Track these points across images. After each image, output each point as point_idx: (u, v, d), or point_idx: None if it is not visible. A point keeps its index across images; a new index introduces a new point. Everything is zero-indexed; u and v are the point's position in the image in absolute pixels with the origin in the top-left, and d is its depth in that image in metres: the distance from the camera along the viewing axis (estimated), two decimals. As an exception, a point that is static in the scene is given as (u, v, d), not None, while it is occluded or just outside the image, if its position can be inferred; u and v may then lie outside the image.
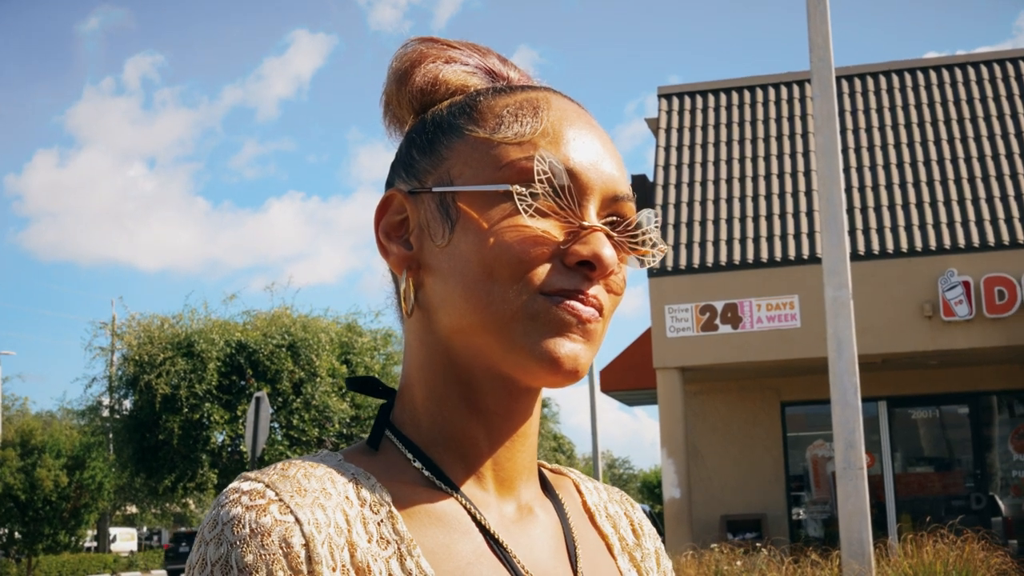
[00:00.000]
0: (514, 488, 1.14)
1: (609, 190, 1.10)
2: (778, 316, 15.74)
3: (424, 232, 1.11)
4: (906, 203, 16.67)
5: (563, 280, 1.05)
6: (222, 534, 0.97)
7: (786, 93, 19.04)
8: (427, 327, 1.12)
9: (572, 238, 1.06)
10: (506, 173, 1.06)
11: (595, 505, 1.26)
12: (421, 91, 1.17)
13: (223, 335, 24.66)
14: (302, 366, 24.56)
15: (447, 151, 1.11)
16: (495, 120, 1.10)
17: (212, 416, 23.94)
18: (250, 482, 1.01)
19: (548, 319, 1.04)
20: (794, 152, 18.02)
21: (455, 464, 1.11)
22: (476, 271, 1.05)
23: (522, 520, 1.13)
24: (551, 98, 1.13)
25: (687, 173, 17.97)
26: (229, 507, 0.98)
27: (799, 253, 16.25)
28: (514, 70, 1.21)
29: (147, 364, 24.06)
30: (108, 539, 50.60)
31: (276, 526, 0.97)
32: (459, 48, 1.20)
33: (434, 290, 1.09)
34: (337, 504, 1.01)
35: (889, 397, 17.51)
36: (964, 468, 17.62)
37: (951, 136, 17.58)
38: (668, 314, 15.98)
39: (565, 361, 1.04)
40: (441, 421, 1.11)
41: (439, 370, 1.11)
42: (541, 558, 1.11)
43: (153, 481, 25.35)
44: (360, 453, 1.11)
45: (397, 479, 1.08)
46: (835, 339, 10.54)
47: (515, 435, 1.13)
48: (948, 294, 15.26)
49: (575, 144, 1.09)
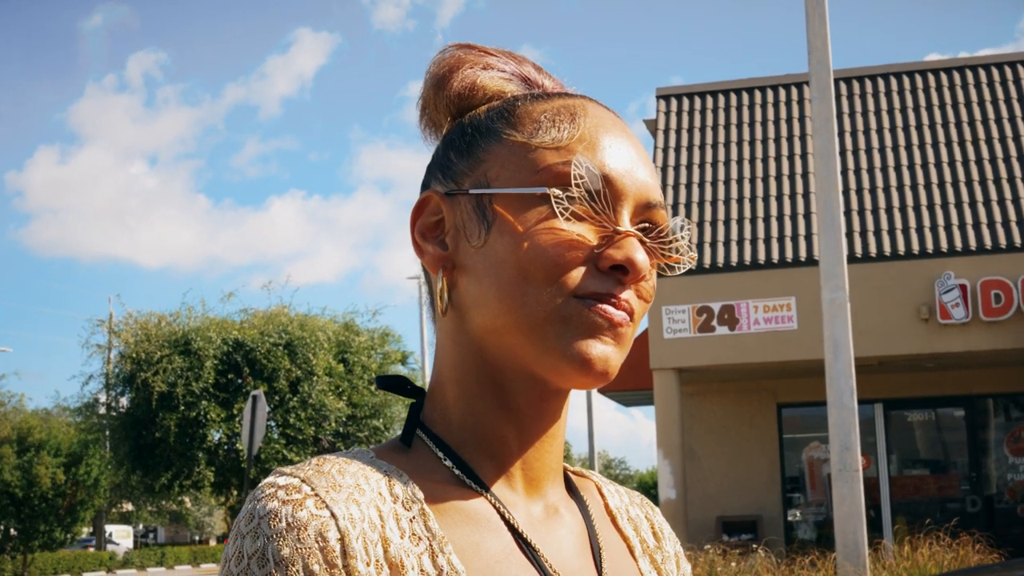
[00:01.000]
0: (542, 488, 1.16)
1: (643, 197, 1.11)
2: (775, 318, 15.75)
3: (460, 233, 1.12)
4: (903, 206, 16.67)
5: (596, 284, 1.06)
6: (259, 527, 0.98)
7: (784, 95, 19.05)
8: (460, 327, 1.13)
9: (606, 242, 1.07)
10: (543, 177, 1.08)
11: (617, 508, 1.28)
12: (459, 96, 1.19)
13: (220, 333, 24.67)
14: (299, 365, 24.57)
15: (485, 154, 1.13)
16: (533, 125, 1.11)
17: (209, 414, 23.94)
18: (286, 477, 1.02)
19: (581, 322, 1.05)
20: (792, 154, 18.02)
21: (485, 463, 1.12)
22: (511, 272, 1.06)
23: (549, 520, 1.15)
24: (588, 105, 1.14)
25: (685, 174, 17.98)
26: (266, 501, 0.99)
27: (796, 255, 16.25)
28: (548, 78, 1.23)
29: (144, 362, 24.07)
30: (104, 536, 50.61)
31: (312, 520, 0.98)
32: (496, 55, 1.21)
33: (468, 290, 1.11)
34: (371, 500, 1.03)
35: (885, 399, 17.51)
36: (959, 471, 17.63)
37: (949, 139, 17.59)
38: (665, 315, 15.98)
39: (597, 363, 1.06)
40: (472, 420, 1.13)
41: (471, 369, 1.12)
42: (567, 558, 1.12)
43: (149, 479, 25.36)
44: (392, 451, 1.13)
45: (428, 477, 1.09)
46: (832, 341, 10.55)
47: (544, 436, 1.14)
48: (945, 297, 15.27)
49: (611, 151, 1.10)
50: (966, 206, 16.39)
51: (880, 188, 17.08)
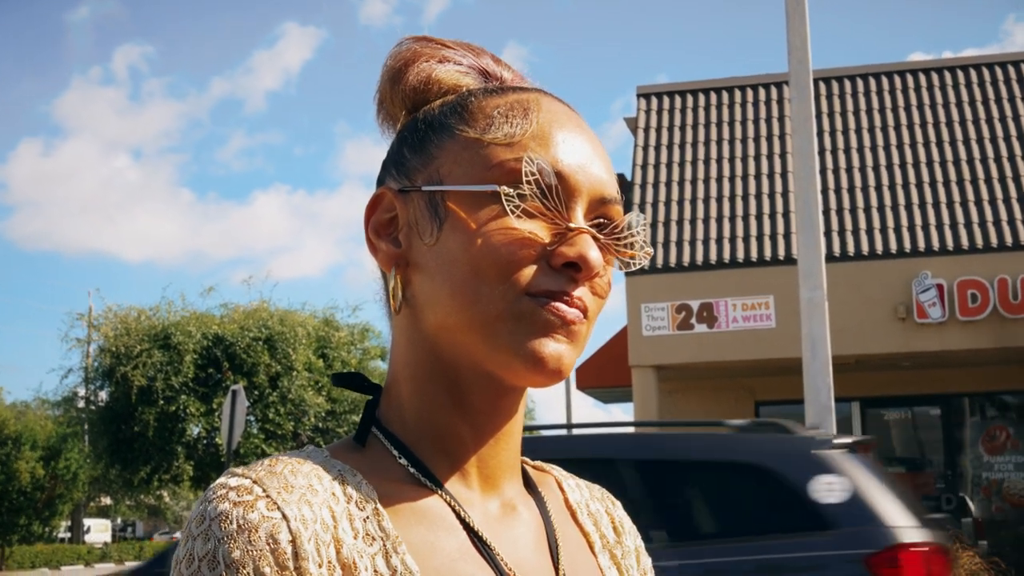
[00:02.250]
0: (498, 485, 1.15)
1: (596, 192, 1.10)
2: (753, 316, 15.77)
3: (413, 230, 1.11)
4: (882, 206, 16.72)
5: (549, 281, 1.05)
6: (209, 529, 0.97)
7: (764, 95, 19.08)
8: (414, 324, 1.12)
9: (559, 239, 1.06)
10: (495, 174, 1.07)
11: (577, 503, 1.26)
12: (414, 90, 1.17)
13: (200, 327, 24.63)
14: (279, 360, 24.56)
15: (437, 150, 1.11)
16: (485, 120, 1.10)
17: (188, 408, 23.90)
18: (237, 478, 1.01)
19: (533, 320, 1.04)
20: (771, 153, 18.05)
21: (440, 461, 1.11)
22: (463, 270, 1.05)
23: (505, 517, 1.14)
24: (542, 100, 1.13)
25: (665, 172, 17.99)
26: (217, 503, 0.98)
27: (775, 254, 16.28)
28: (508, 70, 1.21)
29: (123, 355, 24.01)
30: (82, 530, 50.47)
31: (263, 522, 0.97)
32: (453, 48, 1.20)
33: (422, 288, 1.10)
34: (324, 501, 1.02)
35: (862, 398, 17.56)
36: (935, 469, 17.69)
37: (927, 140, 17.64)
38: (644, 312, 15.99)
39: (549, 361, 1.05)
40: (427, 418, 1.12)
41: (425, 367, 1.12)
42: (524, 555, 1.12)
43: (128, 473, 25.29)
44: (346, 450, 1.11)
45: (383, 476, 1.09)
46: (809, 340, 10.57)
47: (500, 433, 1.13)
48: (922, 296, 15.31)
49: (564, 146, 1.09)
50: (943, 206, 16.44)
51: (859, 188, 17.12)
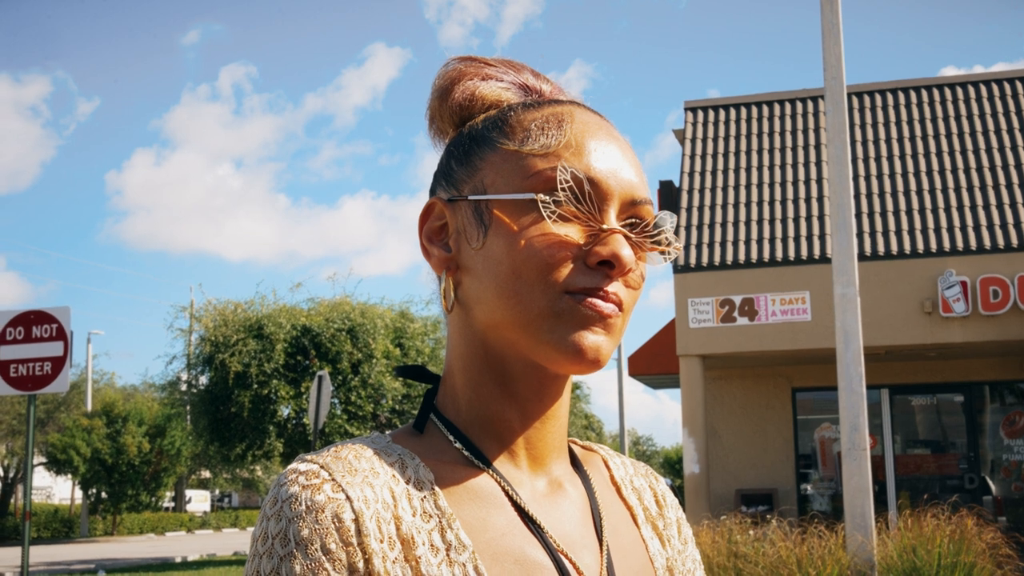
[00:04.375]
0: (545, 465, 1.15)
1: (627, 195, 1.09)
2: (791, 310, 15.67)
3: (461, 236, 1.11)
4: (910, 209, 16.54)
5: (585, 279, 1.05)
6: (281, 511, 0.99)
7: (801, 108, 18.93)
8: (465, 321, 1.12)
9: (593, 240, 1.06)
10: (533, 182, 1.07)
11: (621, 479, 1.26)
12: (460, 106, 1.17)
13: (290, 319, 24.76)
14: (360, 348, 24.64)
15: (481, 162, 1.12)
16: (523, 133, 1.10)
17: (279, 392, 24.05)
18: (306, 463, 1.03)
19: (572, 316, 1.04)
20: (808, 162, 17.91)
21: (491, 444, 1.12)
22: (507, 272, 1.06)
23: (552, 494, 1.14)
24: (575, 111, 1.13)
25: (710, 179, 17.91)
26: (288, 486, 1.00)
27: (811, 253, 16.16)
28: (547, 83, 1.21)
29: (222, 344, 24.20)
30: (184, 500, 51.05)
31: (329, 503, 0.98)
32: (495, 65, 1.19)
33: (471, 288, 1.10)
34: (384, 482, 1.03)
35: (891, 385, 17.39)
36: (959, 451, 17.47)
37: (952, 149, 17.43)
38: (691, 306, 15.94)
39: (588, 352, 1.05)
40: (478, 405, 1.12)
41: (476, 359, 1.12)
42: (569, 529, 1.12)
43: (225, 449, 25.50)
44: (406, 435, 1.13)
45: (439, 458, 1.09)
46: (842, 332, 10.50)
47: (545, 416, 1.13)
48: (947, 292, 15.14)
49: (596, 154, 1.09)
50: (967, 209, 16.24)
51: (888, 192, 16.95)
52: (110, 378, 47.11)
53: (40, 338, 11.24)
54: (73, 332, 11.34)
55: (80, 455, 36.68)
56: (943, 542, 10.03)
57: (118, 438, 37.39)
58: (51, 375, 11.16)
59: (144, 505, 40.98)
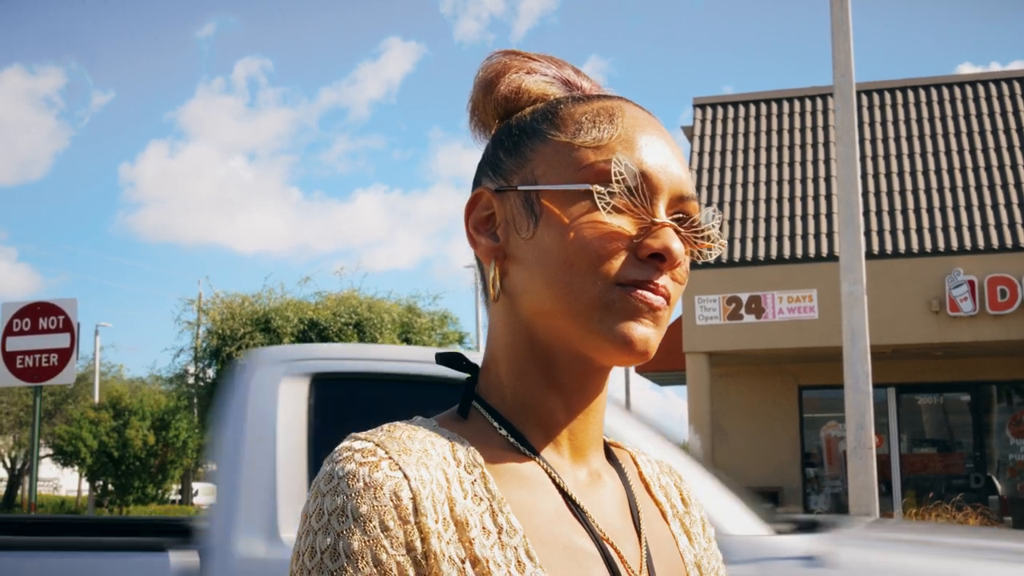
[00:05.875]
0: (586, 456, 1.15)
1: (676, 190, 1.10)
2: (798, 308, 15.65)
3: (510, 226, 1.11)
4: (918, 208, 16.52)
5: (636, 271, 1.05)
6: (338, 487, 0.98)
7: (810, 105, 18.90)
8: (511, 311, 1.12)
9: (644, 233, 1.06)
10: (585, 174, 1.07)
11: (650, 476, 1.27)
12: (505, 99, 1.18)
13: (297, 313, 24.78)
14: (367, 343, 24.66)
15: (531, 153, 1.12)
16: (575, 126, 1.10)
17: (285, 385, 24.08)
18: (361, 441, 1.03)
19: (622, 307, 1.05)
20: (816, 159, 17.89)
21: (535, 432, 1.12)
22: (557, 262, 1.06)
23: (593, 484, 1.14)
24: (625, 107, 1.13)
25: (718, 176, 17.90)
26: (344, 463, 1.00)
27: (818, 251, 16.14)
28: (587, 80, 1.21)
29: (229, 337, 24.23)
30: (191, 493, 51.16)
31: (387, 481, 0.98)
32: (538, 60, 1.20)
33: (519, 278, 1.10)
34: (437, 464, 1.03)
35: (898, 384, 17.37)
36: (965, 451, 17.46)
37: (960, 148, 17.40)
38: (698, 304, 15.93)
39: (638, 343, 1.05)
40: (523, 394, 1.12)
41: (522, 349, 1.12)
42: (611, 519, 1.12)
43: (232, 442, 25.54)
44: (452, 420, 1.13)
45: (484, 444, 1.09)
46: (849, 330, 10.48)
47: (588, 408, 1.14)
48: (954, 291, 15.12)
49: (647, 149, 1.09)
50: (975, 209, 16.22)
51: (896, 191, 16.93)
52: (118, 370, 47.26)
53: (47, 330, 11.26)
54: (80, 324, 11.36)
55: (87, 447, 36.79)
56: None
57: (124, 431, 37.48)
58: (57, 367, 11.18)
59: (151, 498, 41.00)
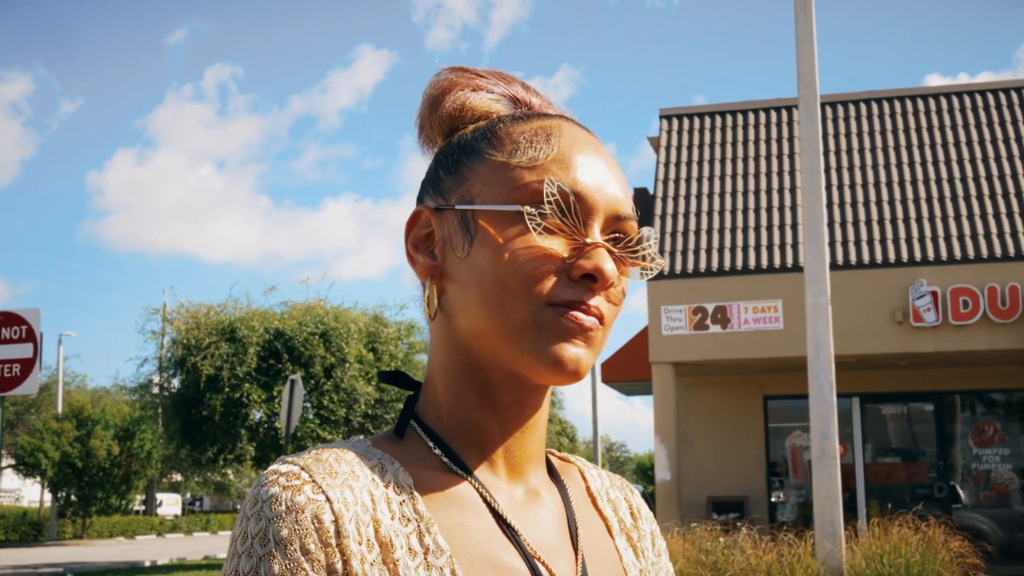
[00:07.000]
0: (523, 474, 1.15)
1: (612, 210, 1.10)
2: (763, 318, 15.73)
3: (447, 245, 1.12)
4: (881, 219, 16.64)
5: (568, 292, 1.06)
6: (261, 511, 0.99)
7: (775, 117, 19.02)
8: (448, 329, 1.13)
9: (577, 254, 1.06)
10: (520, 194, 1.07)
11: (597, 490, 1.27)
12: (450, 116, 1.18)
13: (262, 323, 24.69)
14: (333, 352, 24.58)
15: (469, 172, 1.12)
16: (512, 145, 1.11)
17: (251, 395, 23.98)
18: (287, 465, 1.03)
19: (554, 328, 1.05)
20: (781, 171, 18.00)
21: (470, 451, 1.12)
22: (491, 282, 1.06)
23: (529, 502, 1.14)
24: (563, 126, 1.13)
25: (684, 187, 17.97)
26: (268, 487, 1.00)
27: (783, 262, 16.23)
28: (536, 96, 1.21)
29: (194, 347, 24.11)
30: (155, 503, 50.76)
31: (309, 504, 0.99)
32: (486, 77, 1.20)
33: (455, 297, 1.10)
34: (364, 486, 1.03)
35: (862, 394, 17.48)
36: (928, 460, 17.58)
37: (924, 160, 17.55)
38: (664, 314, 15.98)
39: (568, 364, 1.05)
40: (459, 412, 1.12)
41: (458, 367, 1.12)
42: (545, 537, 1.12)
43: (196, 452, 25.39)
44: (387, 440, 1.13)
45: (419, 464, 1.10)
46: (814, 340, 10.55)
47: (525, 426, 1.14)
48: (917, 302, 15.24)
49: (582, 169, 1.09)
50: (938, 220, 16.36)
51: (860, 202, 17.05)
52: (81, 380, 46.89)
53: (9, 340, 11.17)
54: (43, 334, 11.27)
55: (48, 458, 36.42)
56: (910, 551, 10.09)
57: (87, 441, 37.14)
58: (20, 377, 11.10)
59: (114, 508, 40.65)
